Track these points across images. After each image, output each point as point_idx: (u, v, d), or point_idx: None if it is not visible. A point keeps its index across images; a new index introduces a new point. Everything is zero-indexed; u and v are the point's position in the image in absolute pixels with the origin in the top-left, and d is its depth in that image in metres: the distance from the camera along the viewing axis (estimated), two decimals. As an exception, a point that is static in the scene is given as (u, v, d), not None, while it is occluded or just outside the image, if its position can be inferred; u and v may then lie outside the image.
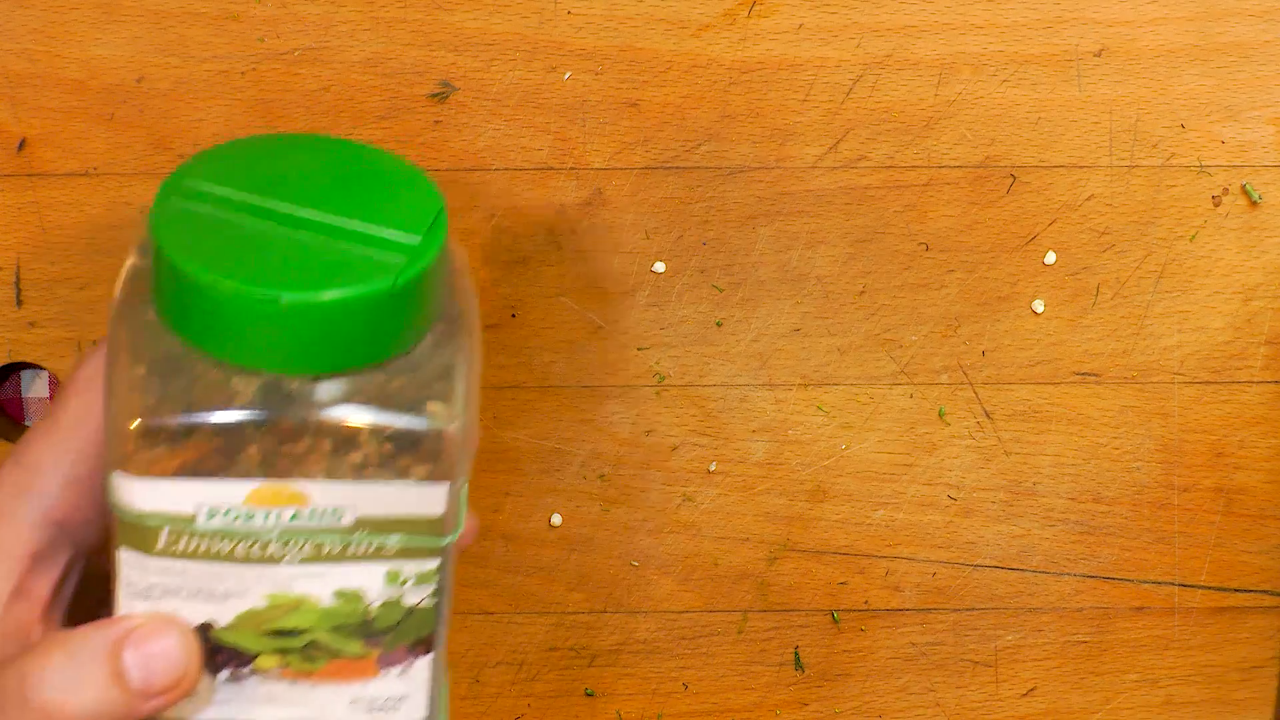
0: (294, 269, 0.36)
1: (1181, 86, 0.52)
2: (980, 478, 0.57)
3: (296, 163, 0.40)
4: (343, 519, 0.38)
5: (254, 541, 0.38)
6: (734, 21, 0.52)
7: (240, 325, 0.36)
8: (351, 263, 0.37)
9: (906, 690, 0.60)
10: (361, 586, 0.39)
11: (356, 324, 0.36)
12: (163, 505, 0.37)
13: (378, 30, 0.51)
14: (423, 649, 0.41)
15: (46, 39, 0.51)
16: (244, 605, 0.39)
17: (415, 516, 0.39)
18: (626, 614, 0.58)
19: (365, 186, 0.39)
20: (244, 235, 0.37)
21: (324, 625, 0.40)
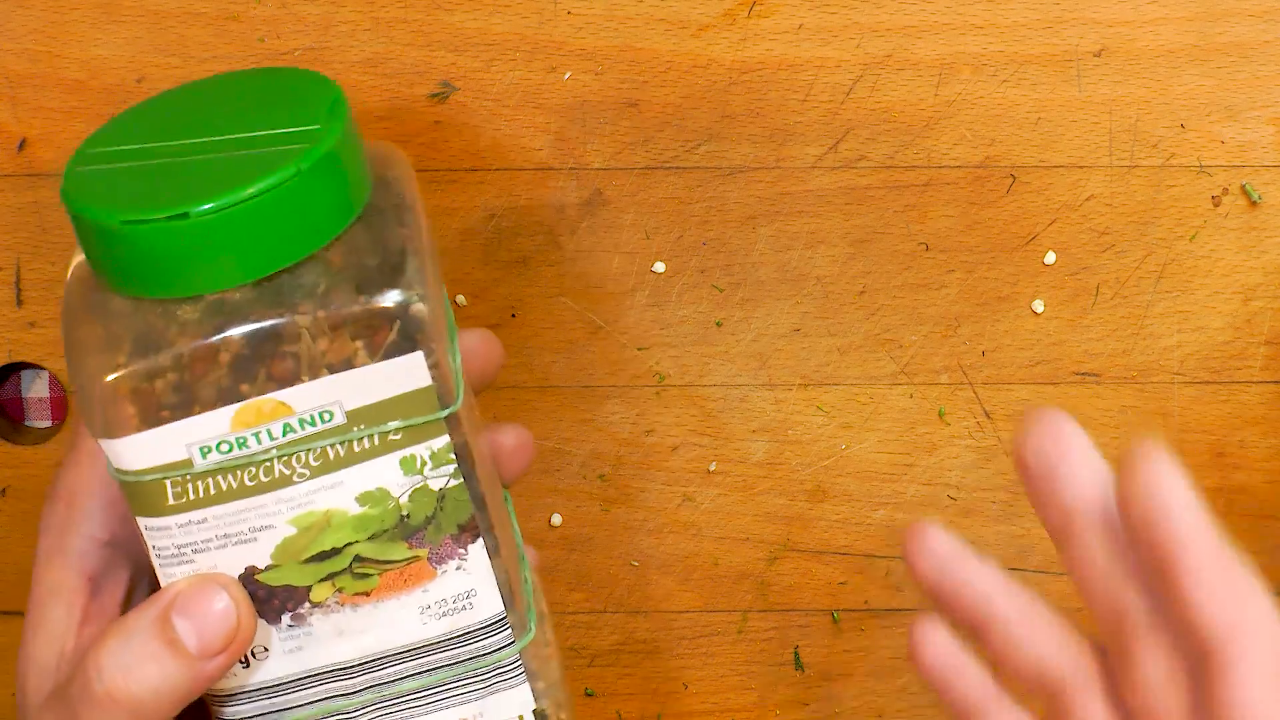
0: (199, 187, 0.36)
1: (1181, 86, 0.52)
2: (980, 478, 0.57)
3: (194, 102, 0.40)
4: (334, 418, 0.38)
5: (258, 467, 0.38)
6: (734, 21, 0.52)
7: (163, 256, 0.36)
8: (256, 163, 0.36)
9: (906, 690, 0.60)
10: (381, 483, 0.39)
11: (276, 218, 0.36)
12: (156, 458, 0.37)
13: (378, 30, 0.51)
14: (469, 535, 0.40)
15: (46, 39, 0.51)
16: (276, 538, 0.39)
17: (404, 394, 0.38)
18: (626, 614, 0.58)
19: (264, 100, 0.39)
20: (148, 174, 0.37)
21: (360, 535, 0.39)
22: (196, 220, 0.35)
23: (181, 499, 0.38)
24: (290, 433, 0.38)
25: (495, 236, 0.54)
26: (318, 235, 0.37)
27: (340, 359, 0.37)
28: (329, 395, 0.37)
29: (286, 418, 0.37)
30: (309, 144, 0.37)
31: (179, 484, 0.38)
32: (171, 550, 0.39)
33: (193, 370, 0.36)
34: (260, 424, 0.37)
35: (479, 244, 0.54)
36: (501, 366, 0.45)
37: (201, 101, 0.40)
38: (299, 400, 0.37)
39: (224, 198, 0.35)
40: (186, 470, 0.37)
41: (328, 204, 0.37)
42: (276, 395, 0.37)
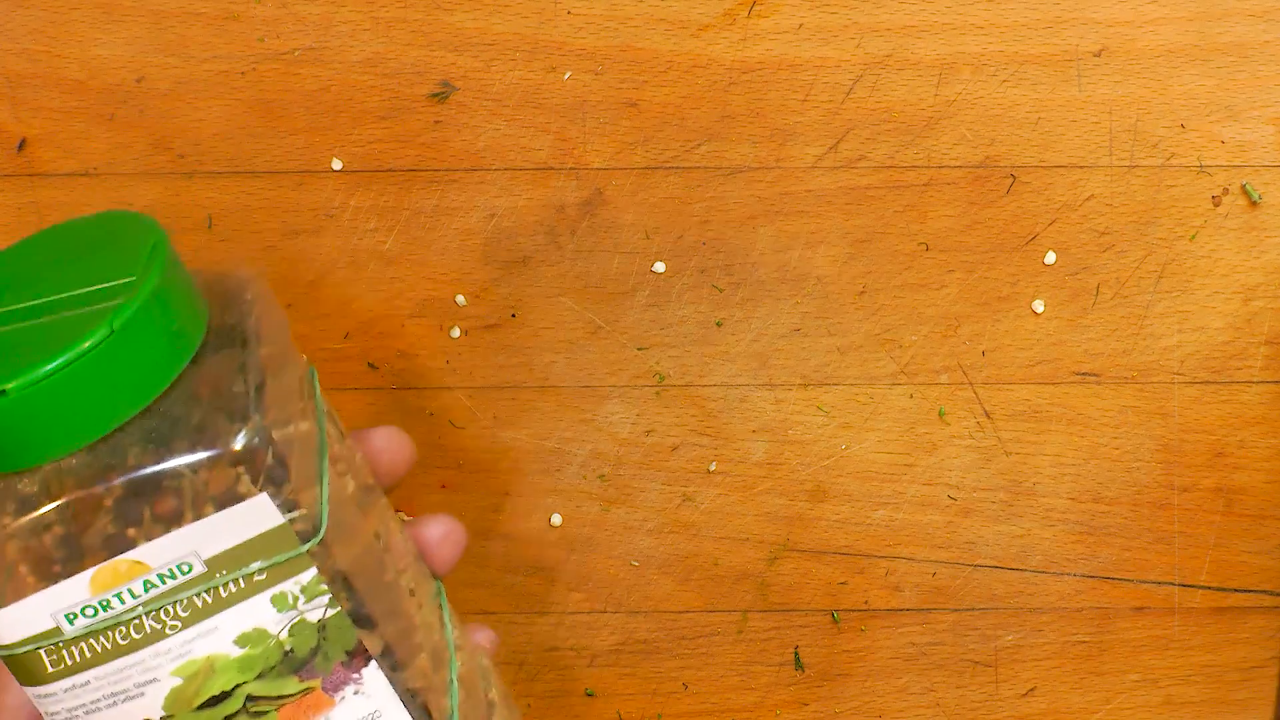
0: (14, 358, 0.35)
1: (1181, 86, 0.52)
2: (980, 478, 0.57)
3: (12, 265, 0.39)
4: (194, 568, 0.37)
5: (128, 626, 0.37)
6: (734, 21, 0.52)
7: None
8: (70, 327, 0.35)
9: (906, 690, 0.60)
10: (257, 624, 0.38)
11: (96, 383, 0.35)
12: (25, 630, 0.37)
13: (378, 30, 0.51)
14: (360, 659, 0.39)
15: (46, 39, 0.51)
16: (163, 690, 0.38)
17: (260, 535, 0.37)
18: (626, 614, 0.58)
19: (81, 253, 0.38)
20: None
21: (248, 675, 0.38)
22: (14, 396, 0.34)
23: (59, 665, 0.37)
24: (152, 588, 0.37)
25: (495, 236, 0.54)
26: (147, 389, 0.36)
27: (187, 509, 0.36)
28: (184, 547, 0.36)
29: (144, 575, 0.36)
30: (123, 298, 0.35)
31: (53, 651, 0.37)
32: (63, 715, 0.38)
33: (39, 541, 0.36)
34: (119, 584, 0.36)
35: (479, 244, 0.54)
36: (412, 461, 0.45)
37: (31, 259, 0.39)
38: (153, 556, 0.36)
39: (38, 369, 0.34)
40: (57, 638, 0.37)
41: (153, 355, 0.36)
42: (129, 555, 0.36)
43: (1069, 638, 0.59)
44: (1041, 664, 0.59)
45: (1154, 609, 0.59)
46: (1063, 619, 0.59)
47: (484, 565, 0.57)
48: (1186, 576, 0.58)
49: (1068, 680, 0.59)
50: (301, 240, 0.54)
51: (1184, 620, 0.59)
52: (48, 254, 0.39)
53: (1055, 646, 0.59)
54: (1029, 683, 0.60)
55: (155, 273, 0.36)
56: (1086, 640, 0.59)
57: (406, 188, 0.53)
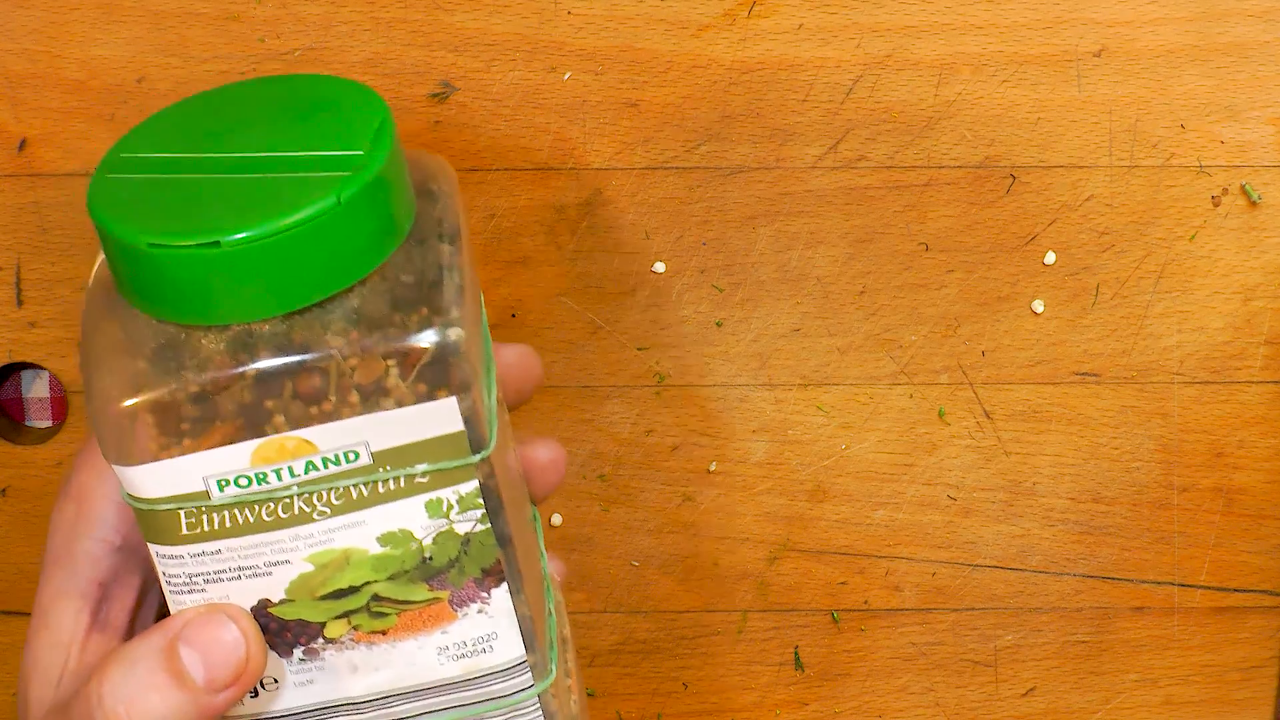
0: (233, 211, 0.34)
1: (1181, 86, 0.52)
2: (980, 478, 0.57)
3: (233, 110, 0.38)
4: (360, 458, 0.36)
5: (277, 503, 0.36)
6: (734, 21, 0.52)
7: (190, 283, 0.34)
8: (294, 190, 0.34)
9: (906, 690, 0.60)
10: (404, 525, 0.37)
11: (312, 251, 0.34)
12: (171, 488, 0.36)
13: (378, 30, 0.51)
14: (493, 579, 0.38)
15: (46, 39, 0.51)
16: (291, 573, 0.37)
17: (435, 438, 0.36)
18: (626, 614, 0.58)
19: (306, 114, 0.37)
20: (181, 191, 0.35)
21: (380, 575, 0.38)
22: (227, 249, 0.33)
23: (196, 530, 0.36)
24: (313, 470, 0.36)
25: (495, 236, 0.54)
26: (354, 269, 0.35)
27: (370, 398, 0.35)
28: (355, 435, 0.36)
29: (310, 456, 0.36)
30: (351, 171, 0.35)
31: (194, 515, 0.36)
32: (183, 579, 0.37)
33: (215, 402, 0.35)
34: (282, 461, 0.36)
35: (479, 244, 0.54)
36: (540, 383, 0.44)
37: (240, 109, 0.38)
38: (324, 439, 0.36)
39: (257, 227, 0.33)
40: (202, 502, 0.36)
41: (367, 237, 0.35)
42: (301, 433, 0.35)
43: (1069, 638, 0.59)
44: (1041, 664, 0.59)
45: (1154, 609, 0.59)
46: (1062, 619, 0.59)
47: (484, 565, 0.57)
48: (1186, 576, 0.58)
49: (1068, 680, 0.59)
50: (301, 240, 0.54)
51: (1184, 620, 0.59)
52: (271, 104, 0.38)
53: (1055, 646, 0.59)
54: (1029, 683, 0.60)
55: (382, 151, 0.35)
56: (1086, 640, 0.59)
57: (406, 188, 0.53)
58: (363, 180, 0.35)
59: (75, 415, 0.55)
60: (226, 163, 0.36)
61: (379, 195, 0.35)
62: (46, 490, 0.56)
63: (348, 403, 0.35)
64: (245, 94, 0.39)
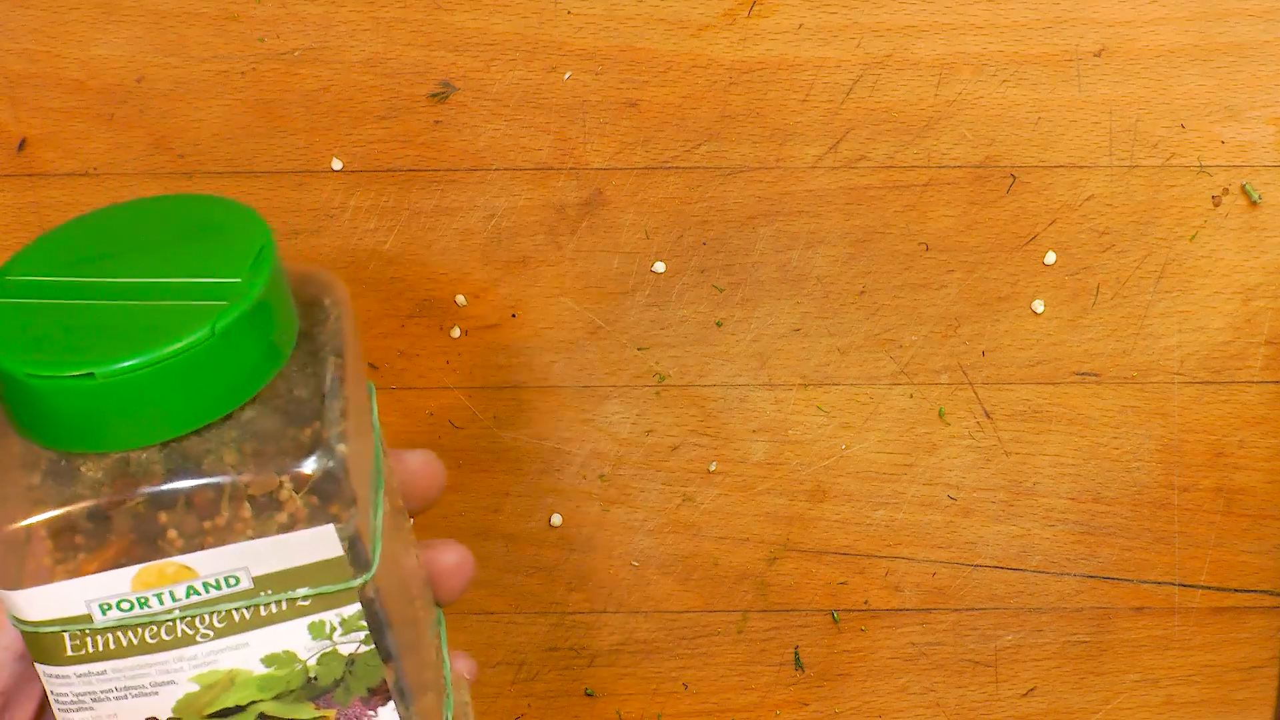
0: (109, 341, 0.34)
1: (1181, 86, 0.52)
2: (980, 478, 0.57)
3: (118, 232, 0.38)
4: (240, 583, 0.36)
5: (160, 626, 0.36)
6: (734, 21, 0.52)
7: (69, 412, 0.34)
8: (170, 319, 0.34)
9: (906, 690, 0.60)
10: (288, 647, 0.37)
11: (188, 381, 0.34)
12: (54, 611, 0.36)
13: (378, 30, 0.51)
14: (379, 699, 0.39)
15: (46, 39, 0.51)
16: (177, 693, 0.37)
17: (316, 563, 0.36)
18: (626, 614, 0.58)
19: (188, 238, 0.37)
20: (60, 318, 0.35)
21: (265, 695, 0.38)
22: (102, 380, 0.34)
23: (80, 651, 0.37)
24: (194, 595, 0.36)
25: (495, 236, 0.54)
26: (233, 396, 0.35)
27: (248, 525, 0.35)
28: (235, 561, 0.36)
29: (190, 580, 0.36)
30: (229, 300, 0.35)
31: (78, 637, 0.36)
32: (70, 697, 0.37)
33: (94, 528, 0.35)
34: (163, 585, 0.36)
35: (479, 244, 0.54)
36: (442, 489, 0.44)
37: (127, 231, 0.38)
38: (204, 565, 0.36)
39: (132, 358, 0.34)
40: (86, 625, 0.36)
41: (246, 364, 0.35)
42: (181, 559, 0.36)
43: (1069, 638, 0.59)
44: (1041, 664, 0.59)
45: (1154, 609, 0.59)
46: (1063, 619, 0.59)
47: (484, 565, 0.57)
48: (1186, 576, 0.58)
49: (1068, 680, 0.59)
50: (301, 240, 0.54)
51: (1184, 620, 0.59)
52: (157, 227, 0.38)
53: (1055, 646, 0.59)
54: (1029, 683, 0.60)
55: (262, 279, 0.35)
56: (1086, 640, 0.59)
57: (406, 188, 0.53)
58: (239, 310, 0.35)
59: None
60: (107, 288, 0.36)
61: (258, 322, 0.35)
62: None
63: (240, 518, 0.35)
64: (134, 214, 0.39)
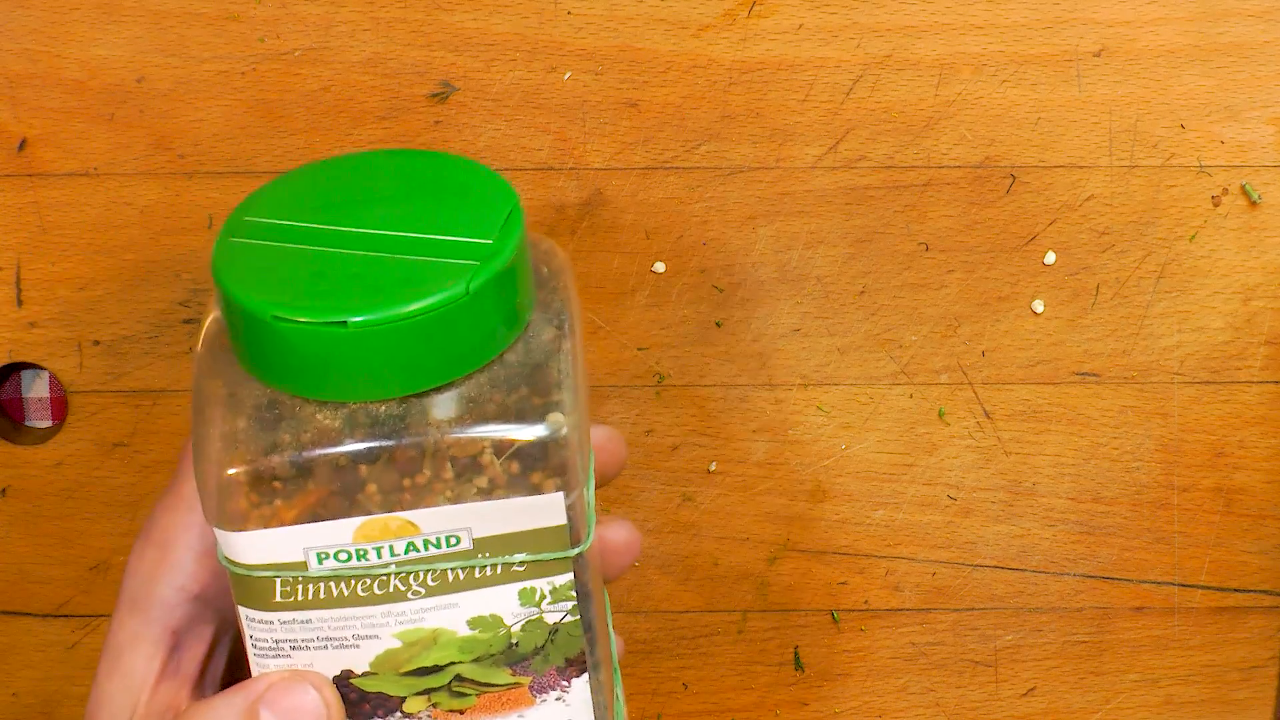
0: (360, 291, 0.34)
1: (1181, 86, 0.52)
2: (980, 478, 0.57)
3: (359, 181, 0.38)
4: (461, 543, 0.36)
5: (374, 580, 0.36)
6: (734, 21, 0.52)
7: (313, 358, 0.34)
8: (421, 274, 0.34)
9: (906, 690, 0.60)
10: (496, 611, 0.37)
11: (436, 338, 0.34)
12: (270, 556, 0.36)
13: (378, 30, 0.51)
14: (575, 669, 0.39)
15: (46, 39, 0.51)
16: (378, 648, 0.37)
17: (536, 529, 0.36)
18: (626, 614, 0.58)
19: (433, 194, 0.37)
20: (309, 264, 0.35)
21: (465, 657, 0.38)
22: (353, 330, 0.33)
23: (290, 598, 0.36)
24: (413, 551, 0.36)
25: (495, 236, 0.54)
26: (475, 358, 0.35)
27: (477, 486, 0.35)
28: (459, 521, 0.36)
29: (412, 537, 0.36)
30: (480, 260, 0.35)
31: (289, 584, 0.36)
32: (269, 644, 0.37)
33: (323, 477, 0.35)
34: (384, 539, 0.36)
35: (479, 244, 0.54)
36: (624, 466, 0.44)
37: (365, 182, 0.38)
38: (427, 522, 0.36)
39: (385, 310, 0.33)
40: (300, 572, 0.36)
41: (491, 327, 0.35)
42: (406, 514, 0.35)
43: (1069, 638, 0.59)
44: (1041, 664, 0.59)
45: (1154, 609, 0.59)
46: (1063, 619, 0.59)
47: (484, 565, 0.57)
48: (1186, 576, 0.58)
49: (1068, 680, 0.59)
50: (301, 240, 0.54)
51: (1184, 620, 0.59)
52: (397, 181, 0.38)
53: (1055, 646, 0.59)
54: (1029, 683, 0.60)
55: (511, 241, 0.35)
56: (1086, 640, 0.59)
57: (406, 188, 0.53)
58: (492, 270, 0.35)
59: (75, 415, 0.55)
60: (353, 238, 0.36)
61: (505, 286, 0.35)
62: (46, 490, 0.56)
63: (462, 477, 0.35)
64: (369, 166, 0.39)
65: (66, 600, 0.57)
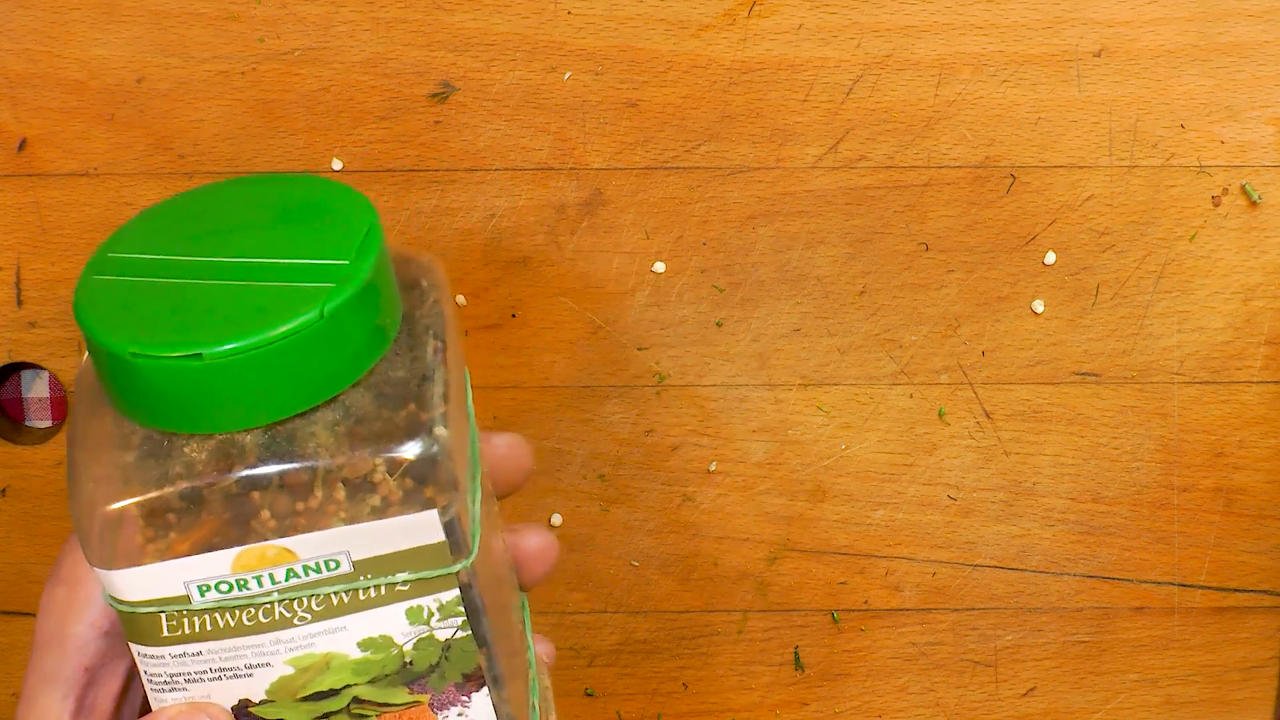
0: (217, 321, 0.34)
1: (1181, 86, 0.52)
2: (980, 478, 0.57)
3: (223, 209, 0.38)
4: (340, 566, 0.36)
5: (258, 608, 0.36)
6: (734, 21, 0.52)
7: (173, 393, 0.34)
8: (277, 300, 0.34)
9: (906, 690, 0.60)
10: (385, 631, 0.37)
11: (295, 364, 0.34)
12: (152, 592, 0.36)
13: (378, 30, 0.51)
14: (474, 684, 0.39)
15: (46, 39, 0.51)
16: (272, 675, 0.37)
17: (417, 549, 0.36)
18: (626, 614, 0.58)
19: (294, 218, 0.37)
20: (166, 297, 0.35)
21: (360, 679, 0.38)
22: (210, 361, 0.33)
23: (177, 632, 0.37)
24: (294, 578, 0.36)
25: (495, 236, 0.54)
26: (339, 379, 0.35)
27: (350, 509, 0.35)
28: (336, 545, 0.36)
29: (290, 563, 0.36)
30: (337, 281, 0.34)
31: (175, 618, 0.36)
32: (164, 678, 0.37)
33: (196, 509, 0.35)
34: (263, 568, 0.36)
35: (479, 244, 0.54)
36: (530, 473, 0.44)
37: (228, 211, 0.38)
38: (305, 548, 0.36)
39: (241, 339, 0.33)
40: (183, 605, 0.36)
41: (353, 346, 0.35)
42: (281, 542, 0.35)
43: (1069, 638, 0.59)
44: (1041, 664, 0.59)
45: (1154, 609, 0.59)
46: (1063, 619, 0.59)
47: (484, 565, 0.57)
48: (1186, 576, 0.58)
49: (1068, 680, 0.59)
50: (301, 240, 0.54)
51: (1184, 620, 0.59)
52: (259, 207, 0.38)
53: (1055, 646, 0.59)
54: (1029, 683, 0.60)
55: (368, 260, 0.35)
56: (1086, 640, 0.59)
57: (406, 188, 0.53)
58: (347, 292, 0.34)
59: (75, 415, 0.55)
60: (211, 268, 0.35)
61: (365, 305, 0.35)
62: (46, 490, 0.56)
63: (334, 500, 0.35)
64: (234, 194, 0.39)
65: (66, 600, 0.57)
